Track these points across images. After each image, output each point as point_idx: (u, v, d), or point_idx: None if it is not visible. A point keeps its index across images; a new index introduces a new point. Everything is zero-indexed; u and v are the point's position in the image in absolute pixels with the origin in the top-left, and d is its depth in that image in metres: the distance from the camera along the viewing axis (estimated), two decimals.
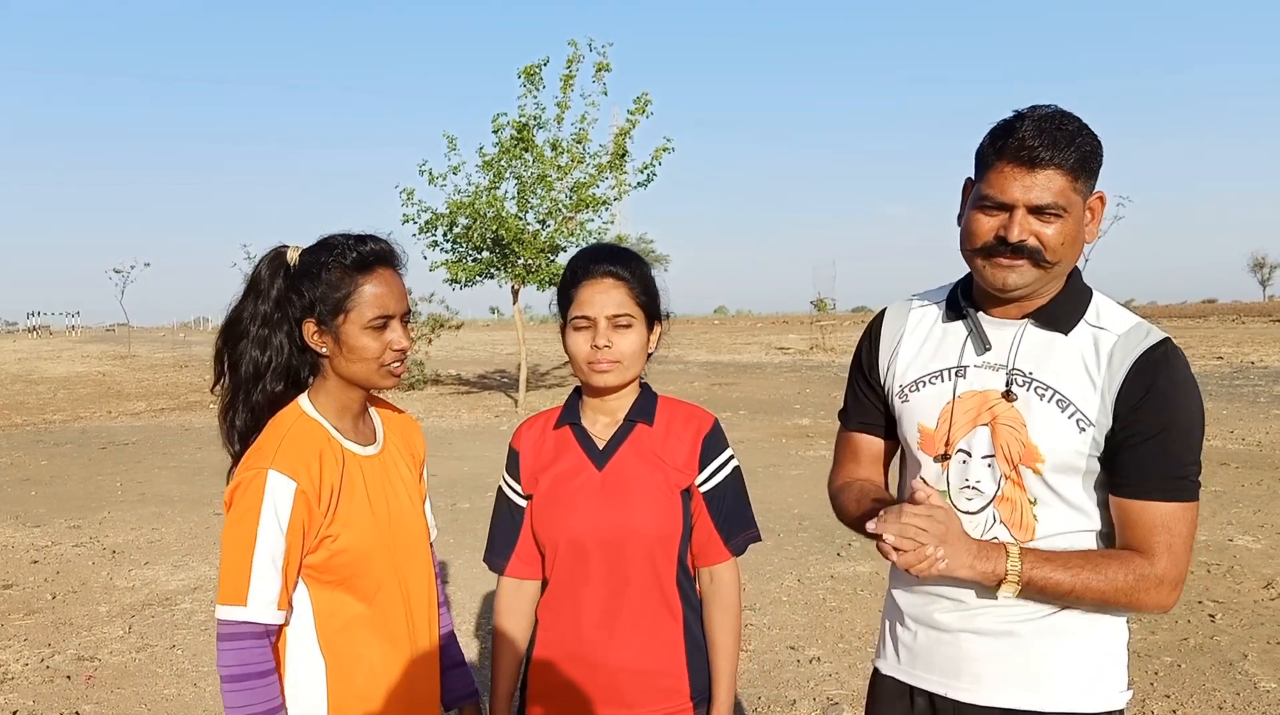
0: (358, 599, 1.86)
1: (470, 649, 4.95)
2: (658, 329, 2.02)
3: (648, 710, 1.92)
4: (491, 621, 2.13)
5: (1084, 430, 1.67)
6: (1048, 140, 1.60)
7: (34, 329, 55.82)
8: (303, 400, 1.90)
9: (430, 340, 20.44)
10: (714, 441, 1.99)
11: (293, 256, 1.89)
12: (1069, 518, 1.72)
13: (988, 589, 1.70)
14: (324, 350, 1.86)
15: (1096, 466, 1.70)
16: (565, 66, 16.00)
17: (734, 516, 1.99)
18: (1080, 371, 1.69)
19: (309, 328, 1.85)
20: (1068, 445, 1.67)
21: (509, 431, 13.96)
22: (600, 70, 16.02)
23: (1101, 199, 1.72)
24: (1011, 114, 1.68)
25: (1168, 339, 1.69)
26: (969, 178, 1.78)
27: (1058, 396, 1.69)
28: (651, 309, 1.98)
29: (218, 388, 1.96)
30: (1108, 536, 1.74)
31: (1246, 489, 8.40)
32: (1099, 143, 1.66)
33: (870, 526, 1.63)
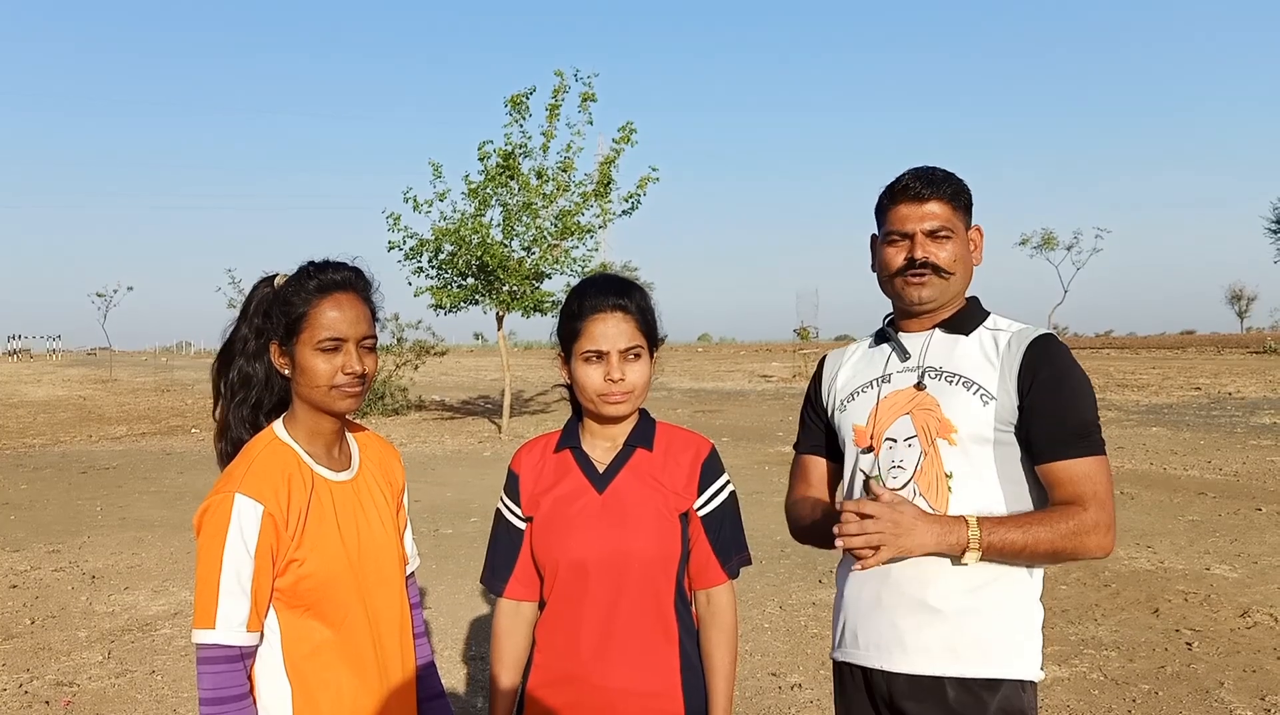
0: (325, 625, 1.86)
1: (456, 675, 4.93)
2: (655, 355, 2.07)
3: None
4: (478, 646, 2.16)
5: (987, 403, 2.01)
6: (927, 180, 2.08)
7: (14, 352, 55.33)
8: (277, 425, 1.93)
9: (416, 366, 20.42)
10: (712, 466, 2.05)
11: (278, 283, 1.93)
12: (979, 493, 1.99)
13: (919, 570, 1.96)
14: (286, 372, 1.90)
15: (1007, 438, 2.00)
16: (551, 96, 16.15)
17: (730, 540, 2.04)
18: (981, 359, 2.06)
19: (274, 350, 1.90)
20: (975, 416, 2.00)
21: (492, 457, 13.95)
22: (586, 100, 16.17)
23: (979, 230, 2.18)
24: (895, 178, 2.13)
25: (1051, 332, 2.07)
26: (873, 234, 2.21)
27: (963, 379, 2.04)
28: (653, 338, 2.04)
29: (216, 412, 2.00)
30: (1012, 512, 1.99)
31: (1223, 518, 8.48)
32: (966, 184, 2.13)
33: (835, 529, 1.88)
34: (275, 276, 1.95)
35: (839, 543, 1.87)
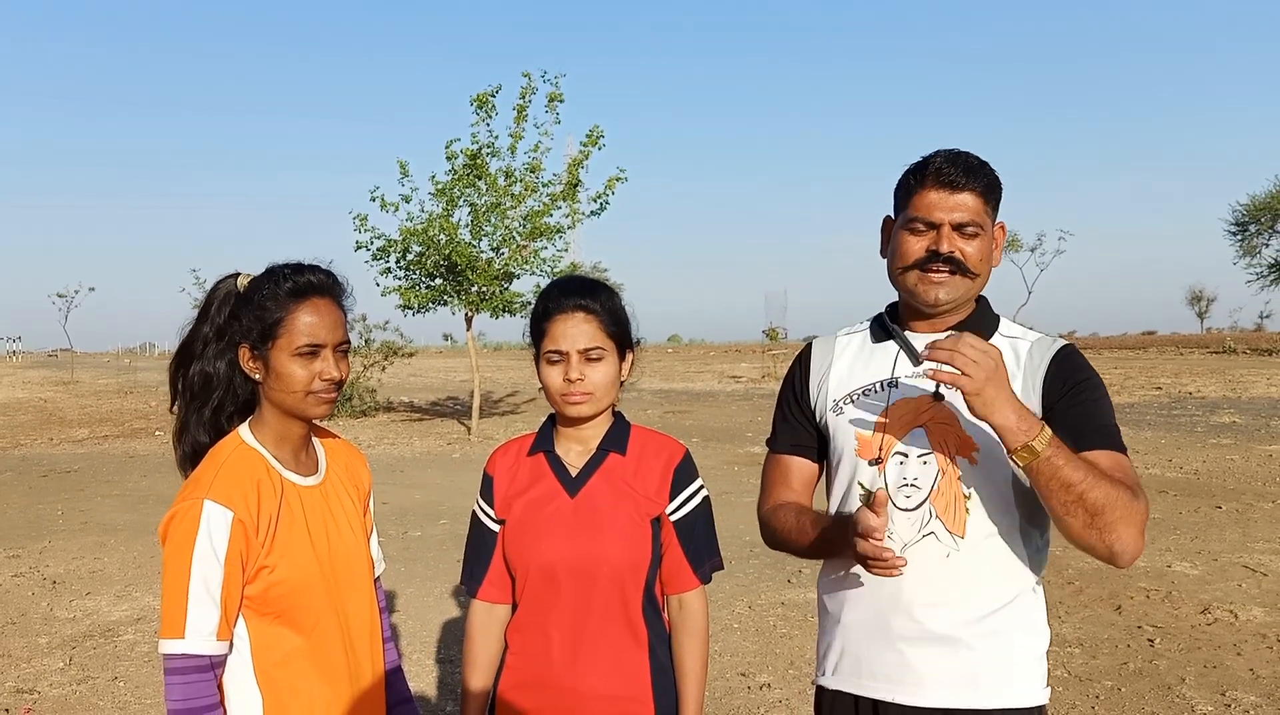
0: (296, 632, 1.84)
1: (426, 677, 4.91)
2: (629, 357, 2.07)
3: None
4: (448, 649, 2.15)
5: None
6: (962, 168, 1.86)
7: None
8: (243, 429, 1.90)
9: (384, 367, 20.27)
10: (685, 471, 2.04)
11: (242, 283, 1.91)
12: (997, 515, 1.85)
13: (929, 597, 1.84)
14: (257, 376, 1.87)
15: None
16: (519, 97, 16.10)
17: (702, 545, 2.04)
18: None
19: (244, 353, 1.87)
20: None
21: (462, 459, 13.89)
22: (553, 100, 16.14)
23: (1003, 228, 1.98)
24: (921, 157, 1.93)
25: (1072, 343, 1.94)
26: (888, 216, 2.01)
27: None
28: (622, 339, 2.03)
29: (174, 410, 1.97)
30: (1026, 535, 1.87)
31: (1184, 516, 8.61)
32: (999, 176, 1.93)
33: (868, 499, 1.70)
34: (238, 275, 1.93)
35: (926, 368, 1.71)
